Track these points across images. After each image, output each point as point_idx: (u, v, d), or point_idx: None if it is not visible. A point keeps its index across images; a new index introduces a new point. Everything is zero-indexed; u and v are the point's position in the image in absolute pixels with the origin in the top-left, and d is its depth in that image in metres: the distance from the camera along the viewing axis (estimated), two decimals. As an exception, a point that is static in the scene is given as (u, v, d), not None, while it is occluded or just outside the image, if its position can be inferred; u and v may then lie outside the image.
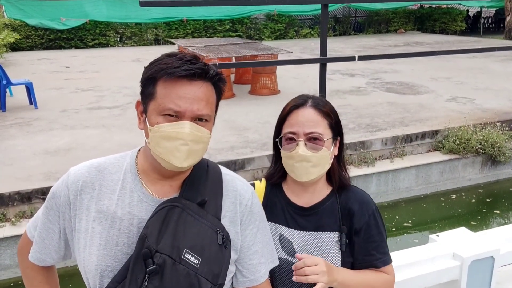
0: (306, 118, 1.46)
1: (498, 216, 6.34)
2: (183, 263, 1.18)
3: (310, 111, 1.48)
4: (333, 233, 1.51)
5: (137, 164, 1.32)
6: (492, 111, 7.94)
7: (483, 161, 6.86)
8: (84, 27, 17.96)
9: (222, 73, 1.29)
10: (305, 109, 1.48)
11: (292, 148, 1.45)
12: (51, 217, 1.33)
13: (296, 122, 1.46)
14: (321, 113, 1.48)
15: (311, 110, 1.48)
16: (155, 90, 1.21)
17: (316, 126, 1.46)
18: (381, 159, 6.57)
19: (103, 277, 1.24)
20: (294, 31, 20.90)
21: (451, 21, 23.28)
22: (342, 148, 1.57)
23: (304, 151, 1.43)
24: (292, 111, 1.49)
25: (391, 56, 7.05)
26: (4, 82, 8.39)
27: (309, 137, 1.44)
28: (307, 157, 1.43)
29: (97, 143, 6.46)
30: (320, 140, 1.45)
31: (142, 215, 1.26)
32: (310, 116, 1.46)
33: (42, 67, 13.27)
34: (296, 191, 1.56)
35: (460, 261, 2.32)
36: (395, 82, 10.59)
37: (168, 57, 1.23)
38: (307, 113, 1.47)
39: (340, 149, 1.56)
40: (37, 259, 1.37)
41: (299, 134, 1.45)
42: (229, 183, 1.36)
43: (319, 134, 1.45)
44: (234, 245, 1.31)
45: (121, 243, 1.25)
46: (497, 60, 13.28)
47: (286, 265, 1.50)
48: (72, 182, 1.30)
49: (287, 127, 1.48)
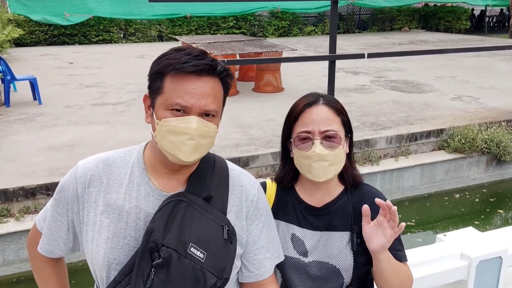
0: (320, 116, 1.42)
1: (502, 215, 6.31)
2: (188, 257, 1.19)
3: (323, 109, 1.44)
4: (345, 232, 1.49)
5: (144, 158, 1.33)
6: (497, 110, 7.90)
7: (488, 161, 6.83)
8: (88, 23, 18.00)
9: (229, 69, 1.29)
10: (318, 107, 1.44)
11: (308, 148, 1.41)
12: (59, 210, 1.34)
13: (311, 121, 1.42)
14: (334, 110, 1.45)
15: (325, 107, 1.44)
16: (163, 85, 1.21)
17: (331, 124, 1.42)
18: (386, 158, 6.55)
19: (110, 269, 1.26)
20: (298, 28, 20.87)
21: (456, 19, 23.23)
22: (351, 145, 1.54)
23: (321, 150, 1.39)
24: (305, 110, 1.45)
25: (399, 53, 7.06)
26: (9, 77, 8.41)
27: (325, 135, 1.41)
28: (325, 156, 1.39)
29: (101, 139, 6.46)
30: (335, 138, 1.42)
31: (149, 209, 1.26)
32: (325, 114, 1.43)
33: (46, 63, 13.29)
34: (309, 190, 1.54)
35: (468, 261, 2.30)
36: (399, 81, 10.55)
37: (176, 52, 1.23)
38: (321, 110, 1.43)
39: (350, 146, 1.53)
40: (46, 250, 1.39)
41: (315, 132, 1.41)
42: (235, 178, 1.37)
43: (334, 132, 1.42)
44: (239, 240, 1.31)
45: (128, 236, 1.26)
46: (502, 59, 13.22)
47: (298, 264, 1.49)
48: (80, 175, 1.30)
49: (301, 127, 1.44)
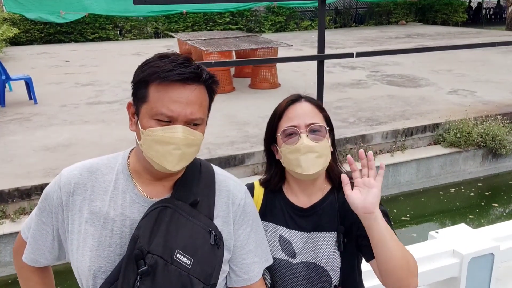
0: (304, 110, 1.48)
1: (498, 209, 6.33)
2: (175, 264, 1.18)
3: (306, 104, 1.50)
4: (332, 233, 1.50)
5: (129, 165, 1.32)
6: (493, 104, 7.90)
7: (484, 154, 6.84)
8: (84, 20, 17.90)
9: (215, 75, 1.28)
10: (302, 103, 1.51)
11: (295, 142, 1.44)
12: (44, 218, 1.33)
13: (296, 115, 1.47)
14: (316, 106, 1.52)
15: (307, 103, 1.51)
16: (147, 93, 1.20)
17: (315, 117, 1.48)
18: (382, 153, 6.56)
19: (96, 278, 1.24)
20: (294, 23, 20.81)
21: (453, 12, 23.19)
22: (334, 144, 1.58)
23: (309, 142, 1.43)
24: (289, 106, 1.50)
25: (390, 52, 7.03)
26: (4, 77, 8.38)
27: (311, 128, 1.45)
28: (313, 147, 1.42)
29: (96, 138, 6.45)
30: (321, 131, 1.46)
31: (134, 216, 1.25)
32: (308, 108, 1.49)
33: (41, 62, 13.24)
34: (296, 191, 1.55)
35: (460, 258, 2.31)
36: (395, 75, 10.54)
37: (160, 59, 1.21)
38: (305, 105, 1.50)
39: (333, 145, 1.56)
40: (30, 259, 1.38)
41: (300, 126, 1.45)
42: (222, 183, 1.36)
43: (319, 125, 1.46)
44: (227, 245, 1.31)
45: (113, 244, 1.25)
46: (498, 52, 13.19)
47: (286, 266, 1.49)
48: (64, 183, 1.29)
49: (286, 122, 1.48)
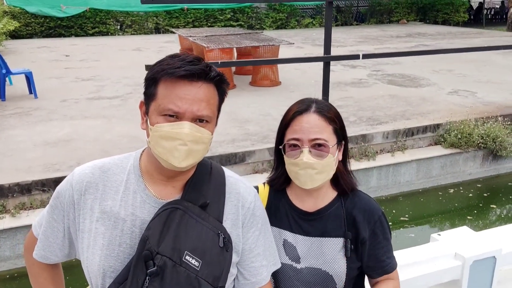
0: (310, 124, 1.41)
1: (497, 211, 6.34)
2: (183, 266, 1.19)
3: (314, 117, 1.42)
4: (338, 239, 1.49)
5: (141, 165, 1.33)
6: (494, 105, 7.90)
7: (484, 156, 6.85)
8: (84, 15, 17.85)
9: (224, 74, 1.28)
10: (309, 115, 1.43)
11: (296, 155, 1.41)
12: (55, 216, 1.34)
13: (300, 129, 1.41)
14: (326, 118, 1.43)
15: (315, 116, 1.43)
16: (156, 91, 1.22)
17: (321, 132, 1.41)
18: (382, 153, 6.55)
19: (106, 277, 1.25)
20: (295, 20, 20.77)
21: (454, 11, 23.17)
22: (346, 152, 1.53)
23: (309, 159, 1.38)
24: (296, 117, 1.44)
25: (395, 54, 7.05)
26: (4, 71, 8.35)
27: (314, 143, 1.40)
28: (312, 164, 1.39)
29: (97, 134, 6.43)
30: (325, 146, 1.40)
31: (144, 217, 1.26)
32: (315, 122, 1.41)
33: (42, 56, 13.19)
34: (301, 195, 1.53)
35: (462, 261, 2.31)
36: (396, 74, 10.53)
37: (170, 58, 1.24)
38: (311, 119, 1.42)
39: (345, 153, 1.52)
40: (41, 256, 1.39)
41: (303, 141, 1.40)
42: (232, 186, 1.36)
43: (324, 141, 1.40)
44: (235, 248, 1.31)
45: (123, 244, 1.26)
46: (499, 52, 13.17)
47: (290, 270, 1.49)
48: (76, 182, 1.31)
49: (291, 133, 1.43)
